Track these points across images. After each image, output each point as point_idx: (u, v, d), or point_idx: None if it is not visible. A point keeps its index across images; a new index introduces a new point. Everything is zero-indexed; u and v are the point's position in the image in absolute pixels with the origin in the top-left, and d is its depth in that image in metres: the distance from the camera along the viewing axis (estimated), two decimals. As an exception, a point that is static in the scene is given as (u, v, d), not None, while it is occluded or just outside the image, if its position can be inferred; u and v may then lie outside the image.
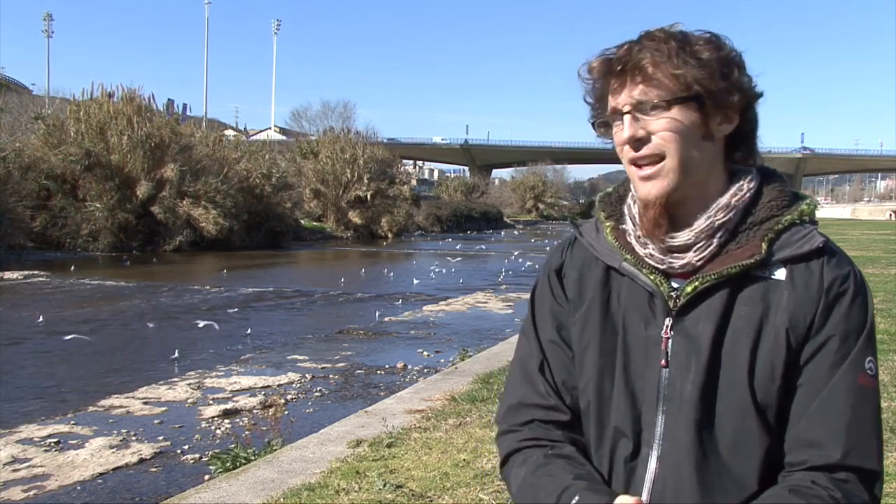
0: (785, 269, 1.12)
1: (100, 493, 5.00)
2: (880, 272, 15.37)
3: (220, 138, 35.89)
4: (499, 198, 78.73)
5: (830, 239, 1.15)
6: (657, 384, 1.14)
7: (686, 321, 1.13)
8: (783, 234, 1.13)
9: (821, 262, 1.12)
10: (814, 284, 1.10)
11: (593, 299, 1.21)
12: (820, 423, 1.08)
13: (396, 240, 40.75)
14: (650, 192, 1.13)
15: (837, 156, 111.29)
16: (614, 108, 1.14)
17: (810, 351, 1.10)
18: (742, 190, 1.16)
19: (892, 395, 5.33)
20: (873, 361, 1.11)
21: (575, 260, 1.27)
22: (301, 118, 64.96)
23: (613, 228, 1.23)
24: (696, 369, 1.11)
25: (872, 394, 1.10)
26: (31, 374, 8.66)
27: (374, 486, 3.76)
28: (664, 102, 1.10)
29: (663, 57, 1.10)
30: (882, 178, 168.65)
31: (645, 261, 1.17)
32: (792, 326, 1.09)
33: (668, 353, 1.13)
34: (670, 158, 1.11)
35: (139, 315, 13.01)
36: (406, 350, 10.15)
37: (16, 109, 34.48)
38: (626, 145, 1.13)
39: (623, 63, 1.11)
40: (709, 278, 1.12)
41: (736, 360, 1.10)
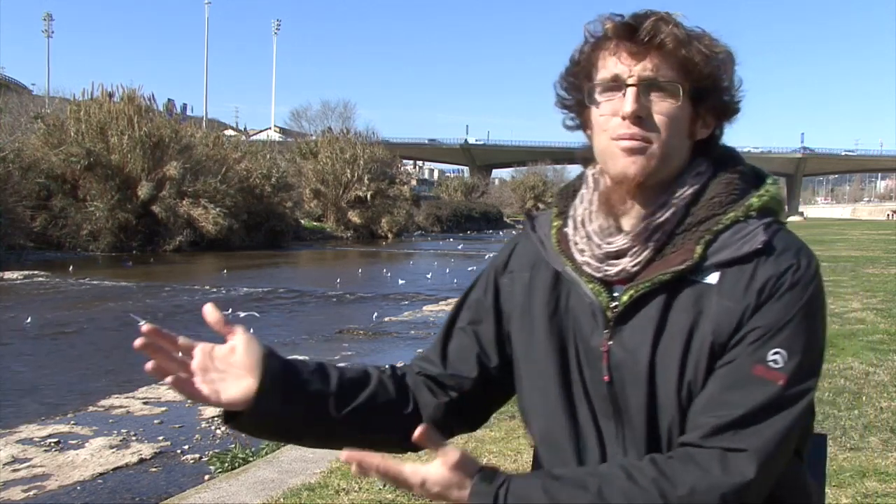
0: (717, 273, 1.05)
1: (100, 493, 5.00)
2: (880, 272, 15.37)
3: (220, 138, 35.90)
4: (499, 198, 78.72)
5: (783, 230, 1.08)
6: (608, 395, 1.10)
7: (624, 331, 1.08)
8: (723, 235, 1.06)
9: (756, 262, 1.04)
10: (742, 290, 1.03)
11: (541, 305, 1.17)
12: (702, 408, 1.02)
13: (396, 240, 40.75)
14: (629, 167, 1.06)
15: (837, 156, 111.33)
16: (617, 76, 1.06)
17: (726, 352, 1.03)
18: (684, 185, 1.09)
19: (892, 395, 5.33)
20: (783, 355, 1.00)
21: (525, 257, 1.23)
22: (301, 118, 65.09)
23: (559, 230, 1.18)
24: (636, 382, 1.07)
25: (771, 386, 1.00)
26: (31, 373, 8.65)
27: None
28: (677, 85, 1.05)
29: (684, 40, 1.05)
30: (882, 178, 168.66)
31: (582, 269, 1.12)
32: (716, 336, 1.03)
33: (610, 367, 1.09)
34: (658, 144, 1.06)
35: (139, 315, 13.00)
36: (406, 350, 10.14)
37: (16, 109, 34.48)
38: (618, 118, 1.06)
39: (651, 33, 1.04)
40: (643, 286, 1.07)
41: (667, 371, 1.05)
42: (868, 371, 6.05)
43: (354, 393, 1.18)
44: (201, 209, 29.01)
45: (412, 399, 1.24)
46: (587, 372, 1.13)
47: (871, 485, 3.59)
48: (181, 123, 34.33)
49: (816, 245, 27.18)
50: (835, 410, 4.90)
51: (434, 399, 1.25)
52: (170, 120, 32.65)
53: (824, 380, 5.72)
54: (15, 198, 24.16)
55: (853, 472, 3.72)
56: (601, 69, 1.09)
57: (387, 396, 1.22)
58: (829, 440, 4.11)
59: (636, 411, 1.08)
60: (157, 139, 29.26)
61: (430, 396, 1.25)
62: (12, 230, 23.48)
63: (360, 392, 1.19)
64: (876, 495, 3.48)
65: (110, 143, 28.46)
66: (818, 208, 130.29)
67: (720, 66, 1.08)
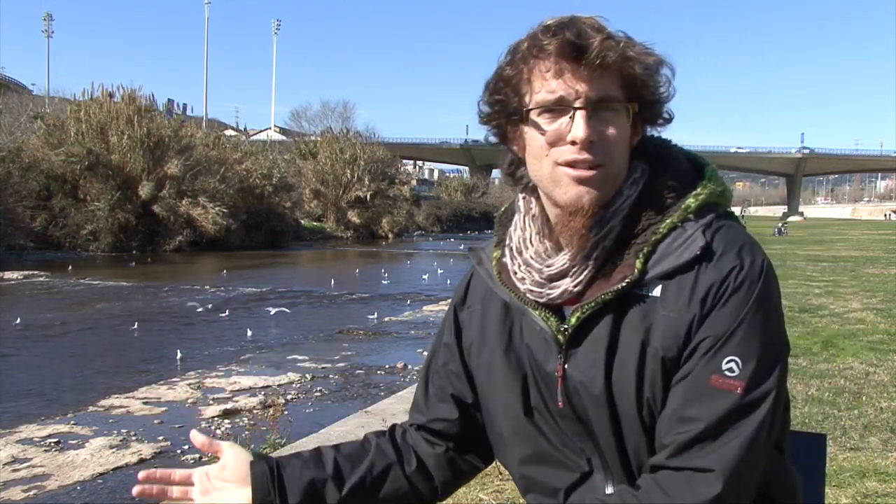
0: (660, 285, 1.01)
1: (100, 493, 5.00)
2: (880, 272, 15.35)
3: (220, 138, 35.91)
4: (499, 198, 78.67)
5: (726, 226, 1.03)
6: (575, 417, 1.08)
7: (578, 354, 1.05)
8: (661, 244, 1.02)
9: (697, 270, 1.00)
10: (686, 300, 0.99)
11: (495, 336, 1.16)
12: (665, 426, 0.99)
13: (397, 240, 40.76)
14: (583, 198, 1.01)
15: (837, 156, 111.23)
16: (563, 99, 0.99)
17: (680, 365, 1.00)
18: (621, 197, 1.04)
19: (892, 395, 5.32)
20: (737, 362, 0.97)
21: (478, 291, 1.21)
22: (301, 118, 65.05)
23: (497, 262, 1.15)
24: (596, 404, 1.04)
25: (730, 396, 0.97)
26: (31, 373, 8.65)
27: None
28: (626, 107, 1.01)
29: (627, 56, 1.00)
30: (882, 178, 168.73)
31: (526, 297, 1.09)
32: (665, 350, 1.00)
33: (568, 391, 1.07)
34: (609, 167, 1.02)
35: (139, 315, 13.01)
36: (406, 350, 10.14)
37: (16, 110, 34.49)
38: (564, 143, 1.00)
39: (599, 56, 0.98)
40: (588, 307, 1.03)
41: (624, 390, 1.02)
42: (868, 371, 6.05)
43: (352, 468, 1.20)
44: (200, 209, 29.02)
45: (414, 455, 1.25)
46: (548, 398, 1.11)
47: (871, 485, 3.59)
48: (182, 124, 34.32)
49: (816, 245, 27.15)
50: (835, 410, 4.89)
51: (432, 450, 1.26)
52: (170, 120, 32.67)
53: (824, 380, 5.72)
54: (15, 198, 24.18)
55: (853, 472, 3.72)
56: (540, 89, 1.01)
57: (386, 461, 1.23)
58: (829, 440, 4.11)
59: (601, 432, 1.06)
60: (157, 139, 29.27)
61: (429, 448, 1.26)
62: (12, 230, 23.50)
63: (358, 465, 1.21)
64: (876, 495, 3.47)
65: (110, 143, 28.47)
66: (818, 208, 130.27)
67: (655, 75, 1.03)
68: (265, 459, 1.17)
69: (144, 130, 28.78)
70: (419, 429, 1.28)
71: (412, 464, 1.24)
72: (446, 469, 1.26)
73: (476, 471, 1.31)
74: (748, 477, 0.98)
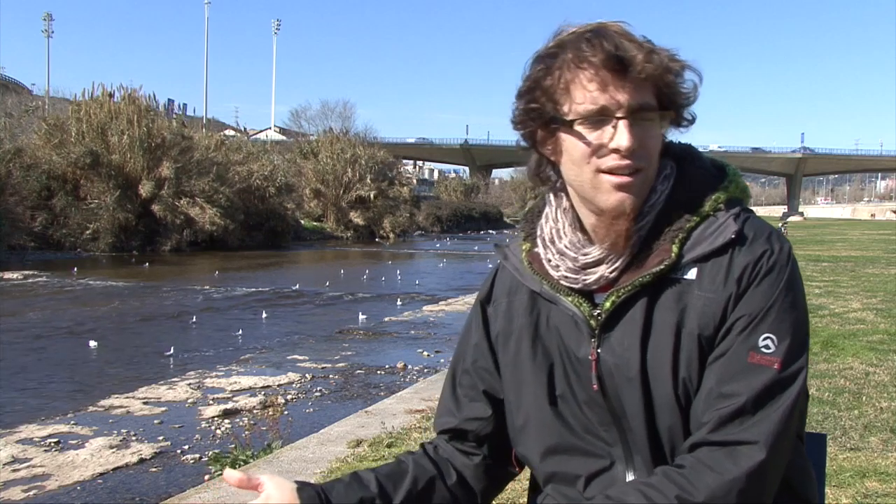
0: (695, 268, 1.07)
1: (100, 493, 5.00)
2: (880, 272, 15.35)
3: (221, 141, 35.88)
4: (499, 198, 78.77)
5: (753, 217, 1.10)
6: (604, 405, 1.11)
7: (612, 337, 1.10)
8: (695, 231, 1.08)
9: (731, 252, 1.06)
10: (722, 280, 1.05)
11: (522, 328, 1.19)
12: (703, 404, 1.03)
13: (397, 240, 40.76)
14: (625, 203, 1.06)
15: (837, 156, 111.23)
16: (605, 108, 1.03)
17: (716, 343, 1.05)
18: (655, 192, 1.10)
19: (892, 395, 5.32)
20: (773, 339, 1.03)
21: (503, 285, 1.25)
22: (300, 118, 64.99)
23: (528, 252, 1.20)
24: (630, 386, 1.08)
25: (767, 372, 1.02)
26: (31, 374, 8.66)
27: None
28: (664, 115, 1.07)
29: (661, 65, 1.04)
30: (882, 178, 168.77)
31: (560, 283, 1.13)
32: (702, 329, 1.05)
33: (600, 375, 1.10)
34: (648, 170, 1.07)
35: (139, 315, 13.02)
36: (406, 350, 10.15)
37: (16, 110, 34.49)
38: (606, 150, 1.04)
39: (643, 70, 1.02)
40: (624, 290, 1.08)
41: (660, 371, 1.06)
42: (868, 371, 6.05)
43: (395, 486, 1.21)
44: (198, 209, 29.02)
45: (452, 468, 1.26)
46: (577, 385, 1.13)
47: (871, 485, 3.59)
48: (184, 125, 34.32)
49: (816, 245, 27.17)
50: (835, 410, 4.89)
51: (469, 460, 1.27)
52: (171, 121, 32.68)
53: (824, 380, 5.72)
54: (16, 198, 24.18)
55: (853, 472, 3.72)
56: (583, 99, 1.04)
57: (428, 475, 1.24)
58: (829, 440, 4.11)
59: (634, 415, 1.08)
60: (160, 139, 29.28)
61: (465, 459, 1.27)
62: (13, 230, 23.50)
63: (401, 482, 1.21)
64: (876, 495, 3.47)
65: (110, 143, 28.47)
66: (818, 208, 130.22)
67: (685, 82, 1.08)
68: (308, 485, 1.17)
69: (145, 130, 28.77)
70: (452, 438, 1.28)
71: (452, 476, 1.25)
72: (483, 478, 1.27)
73: (511, 476, 1.32)
74: (785, 449, 1.04)
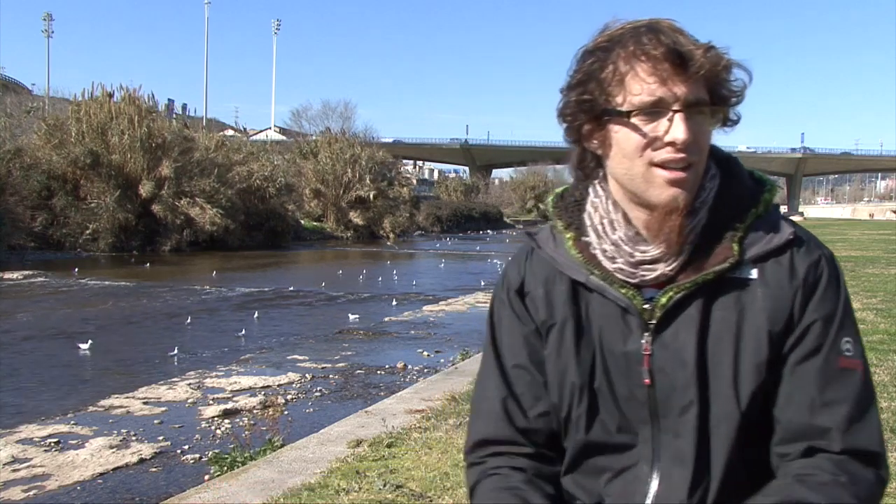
0: (756, 268, 1.09)
1: (100, 493, 5.00)
2: (880, 272, 15.34)
3: (221, 141, 35.88)
4: (499, 198, 78.79)
5: (796, 224, 1.13)
6: (646, 401, 1.11)
7: (665, 334, 1.10)
8: (751, 231, 1.10)
9: (790, 253, 1.09)
10: (786, 278, 1.08)
11: (565, 318, 1.15)
12: (809, 409, 1.06)
13: (397, 240, 40.76)
14: (678, 197, 1.05)
15: (837, 156, 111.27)
16: (662, 101, 1.03)
17: (791, 344, 1.08)
18: (705, 189, 1.11)
19: (892, 395, 5.32)
20: (851, 342, 1.08)
21: (537, 275, 1.20)
22: (301, 118, 64.85)
23: (575, 241, 1.16)
24: (684, 383, 1.08)
25: (856, 374, 1.07)
26: (30, 373, 8.66)
27: (374, 486, 3.75)
28: (717, 110, 1.07)
29: (717, 62, 1.04)
30: (882, 178, 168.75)
31: (615, 276, 1.12)
32: (771, 324, 1.07)
33: (653, 371, 1.10)
34: (699, 165, 1.08)
35: (139, 315, 13.03)
36: (406, 350, 10.15)
37: (16, 110, 34.49)
38: (660, 143, 1.04)
39: (697, 63, 1.03)
40: (684, 287, 1.08)
41: (720, 367, 1.07)
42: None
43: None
44: (198, 209, 29.03)
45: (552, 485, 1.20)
46: (617, 380, 1.12)
47: (871, 485, 3.59)
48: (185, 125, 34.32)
49: (816, 245, 27.11)
50: (835, 410, 4.89)
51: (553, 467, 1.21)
52: (171, 121, 32.67)
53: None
54: (16, 198, 24.18)
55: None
56: (639, 91, 1.04)
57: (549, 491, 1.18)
58: (830, 440, 4.10)
59: (680, 412, 1.09)
60: (160, 140, 29.28)
61: (552, 467, 1.21)
62: (13, 230, 23.51)
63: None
64: (876, 495, 3.47)
65: (110, 143, 28.48)
66: (818, 208, 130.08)
67: (736, 81, 1.09)
68: None
69: (145, 131, 28.78)
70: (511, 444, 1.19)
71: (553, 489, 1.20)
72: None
73: None
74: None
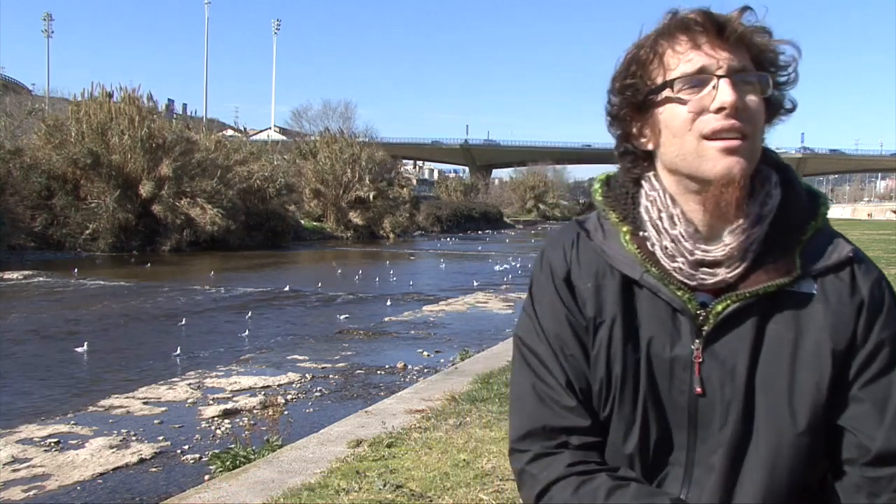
0: (816, 283, 1.05)
1: (100, 493, 5.00)
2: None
3: (220, 140, 35.85)
4: (499, 198, 78.75)
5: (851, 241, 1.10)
6: (686, 407, 1.07)
7: (718, 342, 1.05)
8: (810, 244, 1.06)
9: (851, 270, 1.06)
10: (848, 296, 1.04)
11: (614, 316, 1.09)
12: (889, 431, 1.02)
13: (397, 240, 40.76)
14: (734, 168, 1.00)
15: (837, 156, 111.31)
16: (704, 68, 1.00)
17: (860, 363, 1.04)
18: (770, 197, 1.07)
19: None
20: None
21: (585, 266, 1.12)
22: (301, 118, 64.84)
23: (633, 235, 1.10)
24: (733, 395, 1.04)
25: None
26: (30, 373, 8.65)
27: (374, 486, 3.75)
28: (766, 78, 1.02)
29: (764, 32, 1.03)
30: (882, 178, 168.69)
31: (673, 276, 1.06)
32: (835, 342, 1.03)
33: (702, 379, 1.05)
34: (752, 139, 1.02)
35: (139, 315, 13.02)
36: (406, 350, 10.15)
37: (16, 111, 34.47)
38: (706, 114, 1.00)
39: (736, 30, 1.01)
40: (744, 297, 1.04)
41: (774, 382, 1.03)
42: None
43: None
44: (199, 209, 29.02)
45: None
46: (661, 383, 1.08)
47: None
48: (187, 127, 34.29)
49: (816, 245, 27.13)
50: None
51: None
52: (170, 121, 32.66)
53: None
54: (16, 198, 24.17)
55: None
56: (677, 64, 1.02)
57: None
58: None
59: (720, 425, 1.05)
60: (159, 141, 29.27)
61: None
62: (13, 230, 23.50)
63: None
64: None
65: (110, 144, 28.47)
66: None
67: (789, 60, 1.05)
68: None
69: (146, 131, 28.77)
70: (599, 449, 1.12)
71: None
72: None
73: None
74: None
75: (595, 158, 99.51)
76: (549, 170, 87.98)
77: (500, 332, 11.27)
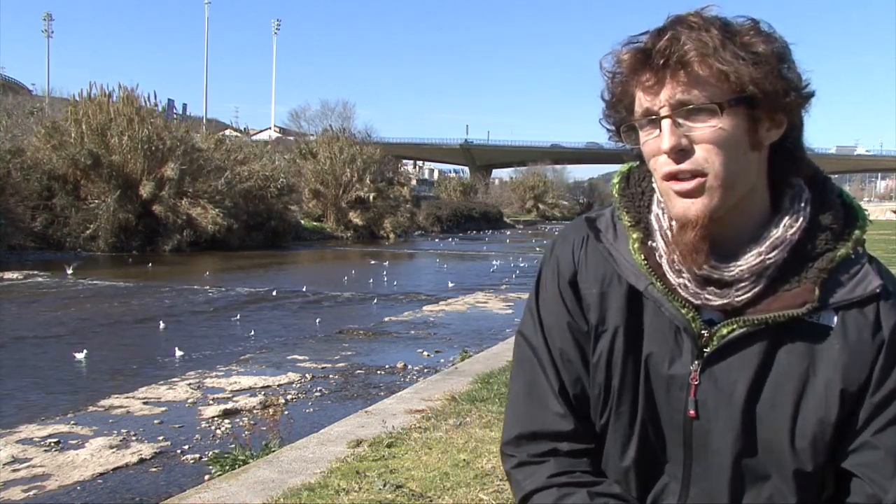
0: (836, 315, 0.98)
1: (100, 493, 5.00)
2: (880, 272, 15.35)
3: (219, 140, 35.85)
4: (499, 198, 78.71)
5: (882, 266, 1.03)
6: (682, 427, 1.03)
7: (719, 365, 1.00)
8: (835, 273, 0.99)
9: (876, 306, 0.98)
10: (869, 334, 0.97)
11: (617, 327, 1.05)
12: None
13: (397, 240, 40.76)
14: (688, 211, 0.95)
15: (837, 156, 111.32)
16: (648, 110, 0.96)
17: (875, 407, 0.98)
18: (798, 219, 0.99)
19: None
20: None
21: (592, 270, 1.08)
22: (300, 118, 64.82)
23: (642, 244, 1.04)
24: (728, 423, 1.00)
25: None
26: (30, 373, 8.66)
27: (374, 486, 3.75)
28: (714, 105, 0.92)
29: (709, 49, 0.91)
30: (882, 178, 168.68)
31: (677, 291, 1.01)
32: (846, 383, 0.97)
33: (697, 402, 1.01)
34: (714, 175, 0.94)
35: (139, 315, 13.02)
36: (406, 350, 10.15)
37: (16, 112, 34.47)
38: (661, 156, 0.96)
39: (665, 56, 0.92)
40: (751, 323, 0.98)
41: (776, 414, 0.98)
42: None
43: None
44: (200, 209, 29.02)
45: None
46: (659, 399, 1.04)
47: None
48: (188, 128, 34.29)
49: (816, 245, 27.11)
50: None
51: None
52: (169, 122, 32.65)
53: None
54: (16, 198, 24.17)
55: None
56: (639, 101, 0.97)
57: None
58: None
59: (713, 452, 1.01)
60: (159, 142, 29.28)
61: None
62: (13, 230, 23.50)
63: None
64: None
65: (110, 144, 28.47)
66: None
67: (766, 62, 0.92)
68: None
69: (146, 132, 28.77)
70: (591, 456, 1.10)
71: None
72: None
73: None
74: None
75: (595, 158, 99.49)
76: (549, 170, 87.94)
77: (500, 332, 11.27)
